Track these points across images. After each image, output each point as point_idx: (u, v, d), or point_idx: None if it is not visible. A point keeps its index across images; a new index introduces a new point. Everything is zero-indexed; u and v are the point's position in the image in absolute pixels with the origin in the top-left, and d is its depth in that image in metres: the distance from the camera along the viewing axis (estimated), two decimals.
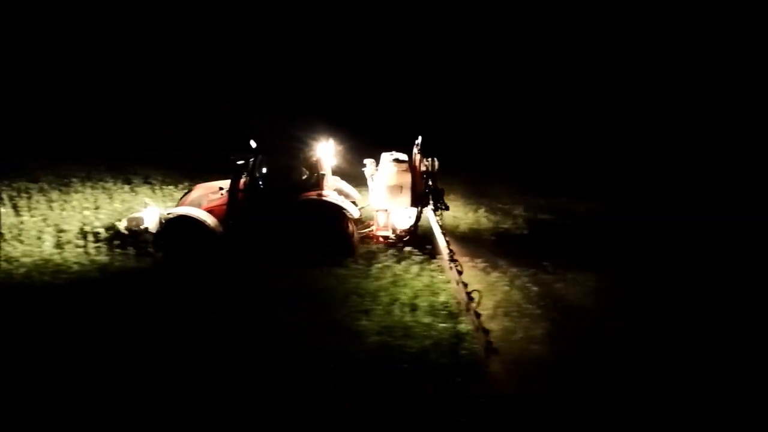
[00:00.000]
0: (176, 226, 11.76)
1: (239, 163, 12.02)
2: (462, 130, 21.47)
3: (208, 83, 23.56)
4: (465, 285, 9.58)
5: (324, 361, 8.02)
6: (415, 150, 12.78)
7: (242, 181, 11.99)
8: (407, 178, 12.33)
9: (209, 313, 9.45)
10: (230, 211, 11.98)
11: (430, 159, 12.66)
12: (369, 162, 13.31)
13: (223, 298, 10.02)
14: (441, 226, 12.02)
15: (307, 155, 12.03)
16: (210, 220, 11.81)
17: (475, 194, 16.87)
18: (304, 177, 12.12)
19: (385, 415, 7.05)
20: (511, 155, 20.39)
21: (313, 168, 12.06)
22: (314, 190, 12.08)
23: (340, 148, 12.44)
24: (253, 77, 24.64)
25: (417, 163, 12.54)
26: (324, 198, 11.97)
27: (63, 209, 13.85)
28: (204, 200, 12.39)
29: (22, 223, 12.69)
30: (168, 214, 11.76)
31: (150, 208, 12.78)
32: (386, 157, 12.92)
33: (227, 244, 11.79)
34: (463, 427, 6.97)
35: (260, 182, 12.14)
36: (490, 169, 18.97)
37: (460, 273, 10.00)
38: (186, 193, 12.73)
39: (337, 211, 11.95)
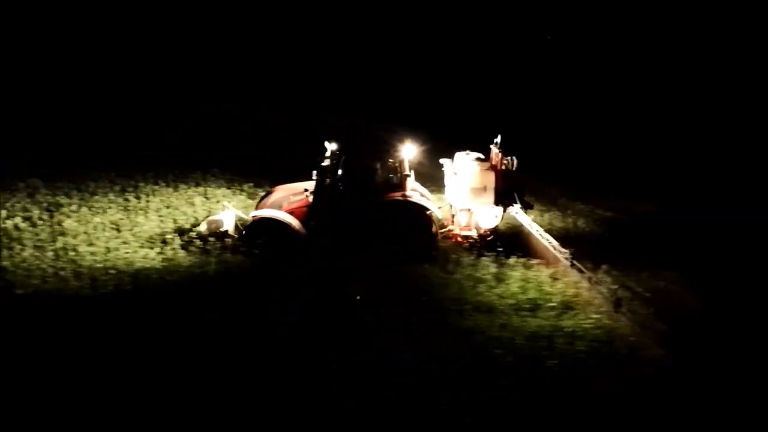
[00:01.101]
0: (261, 228, 11.72)
1: (323, 164, 11.98)
2: (519, 132, 21.44)
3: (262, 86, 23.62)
4: (612, 288, 9.75)
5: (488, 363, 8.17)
6: (495, 149, 12.69)
7: (325, 182, 11.95)
8: (491, 178, 12.22)
9: (310, 316, 9.39)
10: (313, 212, 11.94)
11: (509, 158, 12.59)
12: (446, 162, 13.22)
13: (324, 302, 9.93)
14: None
15: (391, 156, 11.96)
16: (293, 221, 11.74)
17: (537, 196, 16.78)
18: (387, 178, 12.07)
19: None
20: (563, 155, 20.27)
21: (397, 169, 11.99)
22: (397, 191, 12.03)
23: (420, 148, 12.37)
24: (324, 79, 24.64)
25: (498, 162, 12.46)
26: (408, 198, 11.90)
27: (132, 212, 13.81)
28: (285, 202, 12.32)
29: (99, 225, 12.60)
30: (253, 216, 11.67)
31: (228, 210, 12.71)
32: (466, 156, 12.82)
33: (310, 245, 11.74)
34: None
35: (343, 183, 12.09)
36: (545, 169, 18.87)
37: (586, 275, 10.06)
38: (266, 195, 12.65)
39: (422, 211, 11.89)
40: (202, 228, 12.37)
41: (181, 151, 17.66)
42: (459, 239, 12.39)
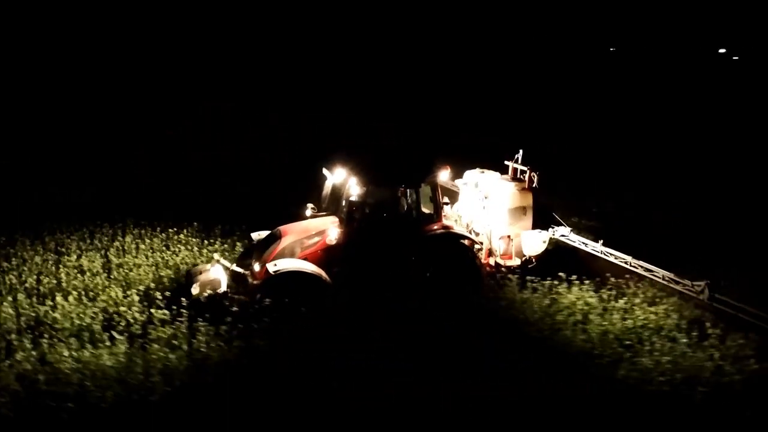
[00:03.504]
0: (281, 284, 9.35)
1: (350, 200, 9.96)
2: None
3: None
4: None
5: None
6: (518, 165, 11.54)
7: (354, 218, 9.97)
8: (529, 199, 11.01)
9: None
10: (344, 254, 9.87)
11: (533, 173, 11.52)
12: (460, 183, 11.83)
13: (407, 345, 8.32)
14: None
15: (427, 184, 10.28)
16: (319, 271, 9.57)
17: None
18: (422, 208, 10.36)
19: None
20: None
21: (433, 198, 10.34)
22: (434, 222, 10.37)
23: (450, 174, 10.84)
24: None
25: (530, 181, 11.32)
26: (451, 230, 10.30)
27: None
28: (297, 247, 10.08)
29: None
30: (274, 271, 9.25)
31: (217, 265, 10.11)
32: (489, 176, 11.52)
33: (342, 296, 9.64)
34: None
35: (374, 218, 10.16)
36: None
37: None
38: (271, 240, 10.21)
39: (467, 244, 10.36)
40: (195, 291, 9.69)
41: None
42: (496, 268, 11.03)
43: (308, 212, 11.03)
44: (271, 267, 9.40)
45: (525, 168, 11.39)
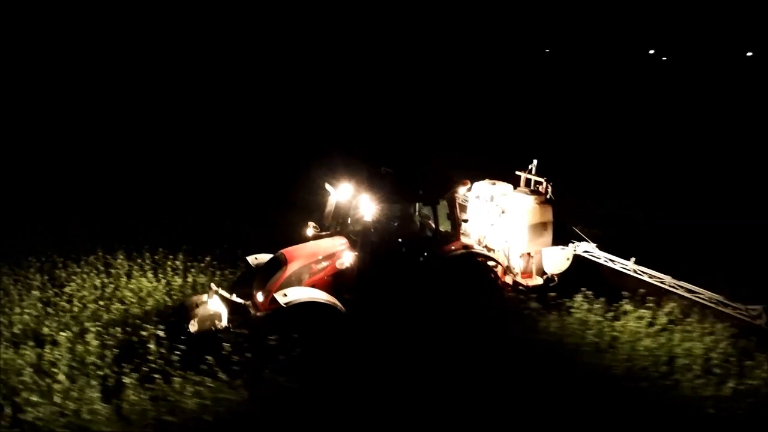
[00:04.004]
0: (291, 316, 8.31)
1: (362, 219, 9.00)
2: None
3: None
4: None
5: None
6: (532, 176, 10.85)
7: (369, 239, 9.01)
8: (549, 213, 10.31)
9: None
10: (358, 279, 8.90)
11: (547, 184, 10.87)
12: (471, 196, 11.05)
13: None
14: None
15: (446, 200, 9.43)
16: (333, 300, 8.58)
17: None
18: (436, 226, 9.50)
19: None
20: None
21: (450, 214, 9.51)
22: (452, 240, 9.54)
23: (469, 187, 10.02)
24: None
25: (547, 193, 10.64)
26: (472, 250, 9.49)
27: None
28: (305, 272, 9.06)
29: None
30: (286, 303, 8.18)
31: (215, 296, 8.97)
32: (501, 188, 10.77)
33: (355, 324, 8.67)
34: None
35: (389, 237, 9.23)
36: None
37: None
38: (274, 266, 9.11)
39: (490, 264, 9.58)
40: (193, 327, 8.53)
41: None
42: (513, 288, 10.29)
43: (310, 232, 10.06)
44: (281, 297, 8.34)
45: (540, 179, 10.75)
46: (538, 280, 10.26)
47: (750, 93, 37.86)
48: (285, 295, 8.35)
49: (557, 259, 10.20)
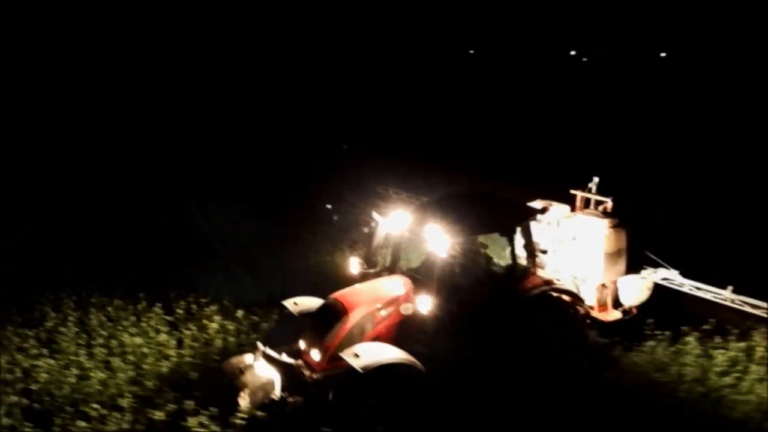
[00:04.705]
0: (364, 381, 6.85)
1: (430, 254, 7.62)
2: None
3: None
4: None
5: None
6: (593, 195, 9.78)
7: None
8: (623, 238, 9.26)
9: None
10: (432, 327, 7.50)
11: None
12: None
13: None
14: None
15: (522, 229, 8.18)
16: (409, 358, 7.16)
17: None
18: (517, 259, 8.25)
19: None
20: None
21: (526, 244, 8.28)
22: (529, 275, 8.30)
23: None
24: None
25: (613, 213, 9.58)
26: (555, 285, 8.28)
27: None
28: (368, 323, 7.59)
29: None
30: (363, 367, 6.69)
31: (260, 359, 7.36)
32: (557, 210, 9.62)
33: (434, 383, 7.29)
34: None
35: (462, 277, 7.88)
36: None
37: None
38: (329, 315, 7.59)
39: (577, 303, 8.42)
40: (245, 402, 6.90)
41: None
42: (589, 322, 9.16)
43: (355, 269, 8.62)
44: (353, 359, 6.85)
45: (604, 198, 9.70)
46: (616, 314, 9.18)
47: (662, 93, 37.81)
48: (356, 355, 6.88)
49: (636, 290, 9.14)
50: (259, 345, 7.41)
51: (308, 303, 8.22)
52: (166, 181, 16.61)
